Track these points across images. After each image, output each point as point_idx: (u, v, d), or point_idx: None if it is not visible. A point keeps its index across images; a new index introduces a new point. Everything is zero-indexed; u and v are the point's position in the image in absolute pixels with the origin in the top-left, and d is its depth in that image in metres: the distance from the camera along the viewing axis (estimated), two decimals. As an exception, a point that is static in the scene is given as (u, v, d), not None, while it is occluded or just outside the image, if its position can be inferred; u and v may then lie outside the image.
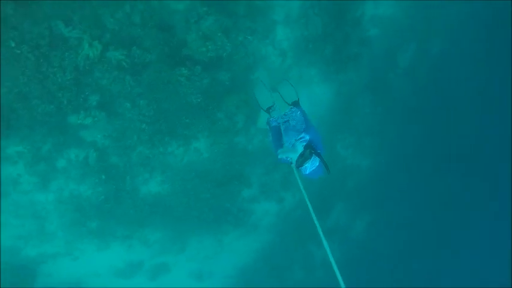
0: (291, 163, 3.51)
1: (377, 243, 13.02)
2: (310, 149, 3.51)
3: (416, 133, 11.12)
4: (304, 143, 3.56)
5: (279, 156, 3.48)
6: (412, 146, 11.29)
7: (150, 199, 8.66)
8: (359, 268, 11.94)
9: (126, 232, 8.93)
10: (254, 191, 10.17)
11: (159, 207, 8.76)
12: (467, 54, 10.39)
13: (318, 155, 3.52)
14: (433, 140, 11.56)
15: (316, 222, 2.70)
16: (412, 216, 13.48)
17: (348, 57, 8.84)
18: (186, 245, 9.98)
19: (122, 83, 6.85)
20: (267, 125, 4.45)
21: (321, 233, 2.37)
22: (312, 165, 3.47)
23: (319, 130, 4.06)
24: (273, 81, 8.07)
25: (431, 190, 13.11)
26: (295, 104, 4.62)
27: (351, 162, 10.77)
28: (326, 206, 11.40)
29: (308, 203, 2.53)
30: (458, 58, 10.20)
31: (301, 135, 3.61)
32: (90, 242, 8.89)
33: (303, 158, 3.45)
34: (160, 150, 7.98)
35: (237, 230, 10.38)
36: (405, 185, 12.05)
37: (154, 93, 7.05)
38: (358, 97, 10.05)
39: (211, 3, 6.80)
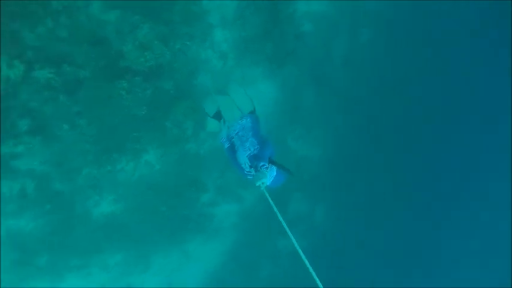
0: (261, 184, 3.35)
1: (340, 229, 13.28)
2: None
3: (361, 120, 11.78)
4: (266, 169, 3.44)
5: (257, 184, 3.32)
6: (358, 133, 11.94)
7: (104, 221, 8.16)
8: (327, 255, 12.38)
9: (81, 261, 8.31)
10: (212, 194, 10.11)
11: (114, 228, 8.29)
12: (393, 38, 11.24)
13: (272, 162, 3.44)
14: (379, 126, 12.21)
15: (283, 223, 2.75)
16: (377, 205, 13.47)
17: (286, 52, 9.17)
18: (149, 261, 9.59)
19: (56, 104, 6.33)
20: (222, 143, 4.32)
21: (288, 230, 2.44)
22: (270, 175, 3.37)
23: (269, 135, 4.07)
24: (217, 84, 8.07)
25: (391, 178, 13.22)
26: (252, 113, 4.57)
27: (302, 154, 11.21)
28: (284, 198, 11.74)
29: (276, 210, 2.56)
30: (386, 43, 11.04)
31: (262, 163, 3.47)
32: (41, 279, 8.11)
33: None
34: (108, 169, 7.53)
35: (200, 236, 10.25)
36: (359, 172, 12.65)
37: (94, 111, 6.63)
38: (303, 90, 10.46)
39: (144, 12, 6.56)
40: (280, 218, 2.43)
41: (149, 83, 6.85)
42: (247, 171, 3.64)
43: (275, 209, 2.56)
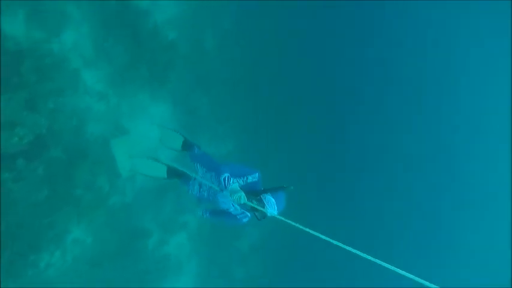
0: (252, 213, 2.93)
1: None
2: (250, 194, 2.89)
3: (260, 99, 12.18)
4: (234, 180, 2.93)
5: (268, 214, 2.81)
6: (262, 113, 12.33)
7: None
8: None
9: None
10: (157, 235, 9.49)
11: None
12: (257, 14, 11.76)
13: (264, 191, 2.90)
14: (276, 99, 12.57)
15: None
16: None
17: (163, 67, 8.91)
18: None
19: None
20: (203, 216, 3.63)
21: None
22: (270, 205, 2.80)
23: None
24: (112, 129, 7.43)
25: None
26: (187, 146, 4.11)
27: (220, 153, 11.28)
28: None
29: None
30: (248, 22, 11.58)
31: (224, 176, 2.93)
32: None
33: (255, 209, 2.84)
34: (32, 273, 6.32)
35: (166, 280, 9.59)
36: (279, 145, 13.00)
37: (-18, 221, 5.37)
38: (193, 95, 10.38)
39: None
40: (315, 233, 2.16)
41: (36, 160, 5.86)
42: (240, 214, 3.17)
43: (303, 228, 2.25)
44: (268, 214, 2.78)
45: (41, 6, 5.86)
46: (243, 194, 2.83)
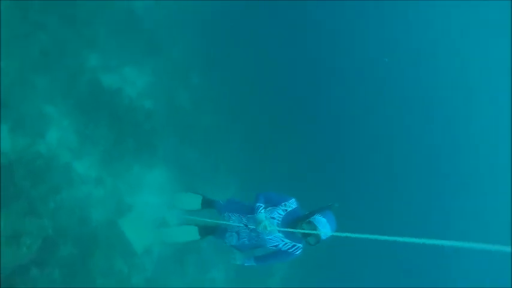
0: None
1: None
2: (296, 221, 2.86)
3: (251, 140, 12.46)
4: (262, 209, 2.90)
5: (322, 237, 2.69)
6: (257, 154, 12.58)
7: None
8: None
9: None
10: (188, 299, 9.16)
11: None
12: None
13: (311, 214, 2.84)
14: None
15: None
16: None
17: (148, 136, 9.10)
18: None
19: None
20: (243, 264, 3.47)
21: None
22: (322, 227, 2.67)
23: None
24: (113, 210, 7.41)
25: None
26: (207, 202, 4.06)
27: (225, 200, 11.19)
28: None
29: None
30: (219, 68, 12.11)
31: (257, 205, 2.92)
32: None
33: (307, 236, 2.75)
34: None
35: None
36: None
37: None
38: (182, 154, 10.51)
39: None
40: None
41: (49, 264, 5.74)
42: (292, 247, 3.05)
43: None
44: (322, 235, 2.64)
45: (20, 115, 6.08)
46: (267, 222, 2.81)
